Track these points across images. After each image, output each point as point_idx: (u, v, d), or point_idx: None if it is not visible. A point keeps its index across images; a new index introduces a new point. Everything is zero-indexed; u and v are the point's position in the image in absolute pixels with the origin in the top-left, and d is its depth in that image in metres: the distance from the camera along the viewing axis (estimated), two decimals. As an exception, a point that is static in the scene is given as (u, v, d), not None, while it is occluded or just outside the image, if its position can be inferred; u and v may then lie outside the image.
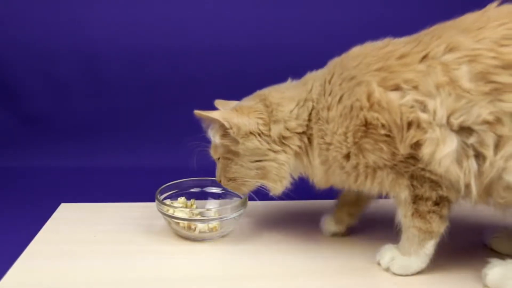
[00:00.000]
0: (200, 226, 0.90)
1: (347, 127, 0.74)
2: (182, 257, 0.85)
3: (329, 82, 0.78)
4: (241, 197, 0.94)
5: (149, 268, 0.81)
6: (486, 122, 0.65)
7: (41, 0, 1.61)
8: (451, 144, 0.67)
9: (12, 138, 1.54)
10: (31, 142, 1.52)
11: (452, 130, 0.67)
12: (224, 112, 0.83)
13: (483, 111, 0.64)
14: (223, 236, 0.93)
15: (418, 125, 0.69)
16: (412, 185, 0.74)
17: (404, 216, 0.77)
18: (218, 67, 1.65)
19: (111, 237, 0.92)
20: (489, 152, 0.66)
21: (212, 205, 1.01)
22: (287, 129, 0.81)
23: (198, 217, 0.89)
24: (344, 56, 0.81)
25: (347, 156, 0.76)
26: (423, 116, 0.68)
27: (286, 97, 0.82)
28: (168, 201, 0.97)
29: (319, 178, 0.82)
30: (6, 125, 1.58)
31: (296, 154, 0.82)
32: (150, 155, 1.41)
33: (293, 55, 1.61)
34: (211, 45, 1.66)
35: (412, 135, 0.69)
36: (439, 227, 0.75)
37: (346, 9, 1.66)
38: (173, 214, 0.89)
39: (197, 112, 0.81)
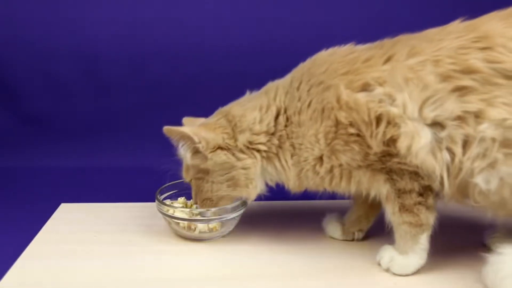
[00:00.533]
0: (200, 226, 0.90)
1: (317, 129, 0.77)
2: (182, 257, 0.85)
3: (297, 89, 0.81)
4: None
5: (149, 268, 0.81)
6: (458, 118, 0.68)
7: (41, 0, 1.61)
8: (426, 136, 0.69)
9: (12, 138, 1.54)
10: (31, 142, 1.52)
11: (425, 124, 0.69)
12: (193, 127, 0.86)
13: (456, 106, 0.68)
14: (223, 236, 0.93)
15: (389, 121, 0.71)
16: (392, 179, 0.75)
17: (392, 213, 0.78)
18: (218, 67, 1.65)
19: (111, 237, 0.92)
20: (457, 149, 0.68)
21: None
22: (253, 134, 0.83)
23: (198, 217, 0.89)
24: (309, 63, 0.84)
25: (320, 159, 0.78)
26: (394, 110, 0.70)
27: (249, 108, 0.85)
28: (168, 201, 0.97)
29: (292, 182, 0.83)
30: (6, 125, 1.58)
31: (267, 159, 0.84)
32: (150, 155, 1.41)
33: (293, 55, 1.60)
34: (211, 45, 1.66)
35: (384, 131, 0.71)
36: (428, 218, 0.76)
37: (347, 9, 1.66)
38: (173, 214, 0.89)
39: (166, 128, 0.83)
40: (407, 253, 0.78)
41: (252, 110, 0.84)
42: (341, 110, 0.74)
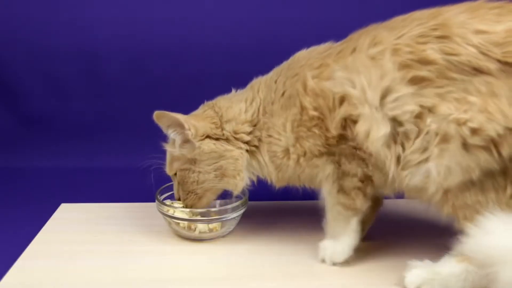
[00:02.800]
0: (200, 226, 0.90)
1: (286, 117, 0.79)
2: (182, 257, 0.85)
3: (275, 81, 0.84)
4: (241, 197, 0.93)
5: (149, 268, 0.81)
6: (417, 117, 0.68)
7: (41, 0, 1.61)
8: (385, 129, 0.70)
9: (12, 138, 1.54)
10: (31, 142, 1.52)
11: (386, 117, 0.70)
12: (184, 115, 0.87)
13: (414, 103, 0.67)
14: (223, 236, 0.93)
15: (348, 102, 0.72)
16: (339, 162, 0.77)
17: (328, 193, 0.80)
18: (219, 67, 1.64)
19: (111, 237, 0.92)
20: (409, 144, 0.69)
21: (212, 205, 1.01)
22: (238, 123, 0.85)
23: (198, 217, 0.89)
24: (290, 60, 0.87)
25: (287, 151, 0.80)
26: (352, 91, 0.71)
27: (235, 101, 0.88)
28: (168, 201, 0.97)
29: (274, 176, 0.85)
30: (6, 125, 1.58)
31: (251, 153, 0.86)
32: (150, 155, 1.41)
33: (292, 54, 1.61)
34: (211, 45, 1.66)
35: (343, 111, 0.73)
36: (362, 204, 0.78)
37: (347, 9, 1.66)
38: (173, 214, 0.89)
39: (158, 112, 0.84)
40: (339, 236, 0.80)
41: (238, 102, 0.87)
42: (305, 95, 0.76)
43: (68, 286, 0.76)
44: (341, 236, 0.80)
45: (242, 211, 0.92)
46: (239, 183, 0.86)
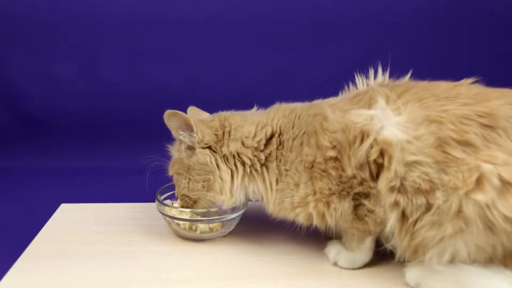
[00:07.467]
0: (201, 226, 0.90)
1: (302, 155, 0.78)
2: (182, 257, 0.85)
3: (299, 117, 0.83)
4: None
5: (149, 268, 0.81)
6: (423, 192, 0.67)
7: (40, 0, 1.61)
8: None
9: (12, 138, 1.54)
10: (31, 142, 1.52)
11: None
12: (195, 119, 0.87)
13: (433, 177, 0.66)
14: (223, 236, 0.93)
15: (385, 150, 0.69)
16: (356, 199, 0.76)
17: (343, 220, 0.78)
18: (219, 68, 1.65)
19: (111, 237, 0.92)
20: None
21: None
22: (243, 145, 0.84)
23: (199, 218, 0.89)
24: (318, 100, 0.86)
25: (297, 186, 0.79)
26: (391, 137, 0.68)
27: (248, 121, 0.87)
28: (168, 202, 0.97)
29: (273, 206, 0.84)
30: (6, 125, 1.59)
31: (250, 175, 0.85)
32: (150, 155, 1.41)
33: (291, 56, 1.61)
34: (211, 46, 1.66)
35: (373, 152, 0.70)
36: (376, 228, 0.77)
37: (348, 9, 1.66)
38: (173, 214, 0.89)
39: (171, 111, 0.83)
40: (354, 251, 0.80)
41: (250, 123, 0.86)
42: (322, 133, 0.75)
43: (68, 286, 0.76)
44: (356, 251, 0.80)
45: (242, 211, 0.92)
46: (227, 201, 0.86)
